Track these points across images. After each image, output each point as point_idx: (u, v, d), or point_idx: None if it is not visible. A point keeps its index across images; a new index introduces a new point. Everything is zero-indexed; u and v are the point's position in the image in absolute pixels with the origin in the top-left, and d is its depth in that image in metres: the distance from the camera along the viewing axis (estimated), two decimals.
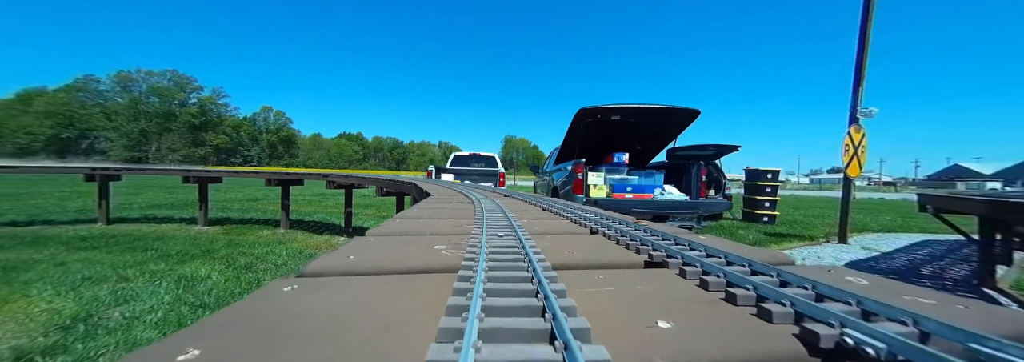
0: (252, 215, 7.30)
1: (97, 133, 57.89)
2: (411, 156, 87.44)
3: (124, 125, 57.95)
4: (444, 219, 1.33)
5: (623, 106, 4.26)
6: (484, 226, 0.95)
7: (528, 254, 0.61)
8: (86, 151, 57.79)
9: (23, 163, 11.18)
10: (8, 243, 4.27)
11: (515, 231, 0.89)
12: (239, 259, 3.95)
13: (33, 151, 54.22)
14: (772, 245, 4.11)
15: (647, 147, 5.56)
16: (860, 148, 3.77)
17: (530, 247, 0.67)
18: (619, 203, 3.95)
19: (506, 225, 1.00)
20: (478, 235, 0.86)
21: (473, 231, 0.96)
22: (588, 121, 4.54)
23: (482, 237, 0.79)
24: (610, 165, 4.94)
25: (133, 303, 2.63)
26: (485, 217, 1.15)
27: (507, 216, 1.22)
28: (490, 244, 0.73)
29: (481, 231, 0.88)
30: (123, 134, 57.94)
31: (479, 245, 0.71)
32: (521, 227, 0.95)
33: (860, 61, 3.71)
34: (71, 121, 56.50)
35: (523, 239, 0.77)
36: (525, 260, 0.60)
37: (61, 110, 56.09)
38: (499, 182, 8.09)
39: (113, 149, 58.00)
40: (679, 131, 4.97)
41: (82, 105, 57.60)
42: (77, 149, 57.25)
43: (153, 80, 61.69)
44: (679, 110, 4.46)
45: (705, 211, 4.12)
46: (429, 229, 1.08)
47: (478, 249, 0.67)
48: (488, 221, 1.06)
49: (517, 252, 0.67)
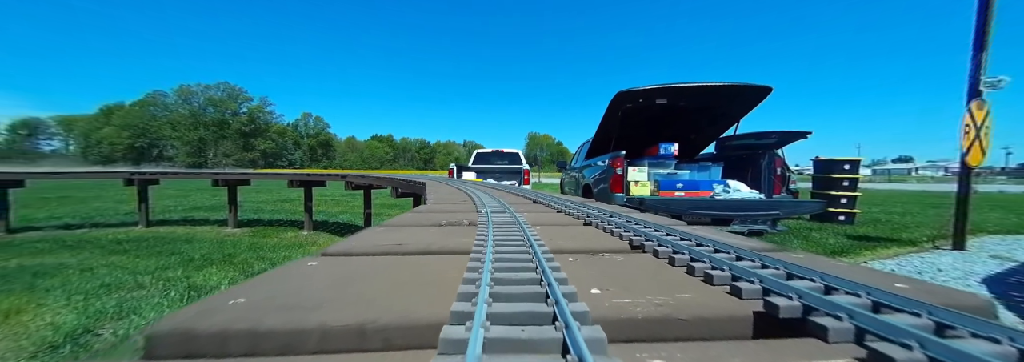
0: (282, 216, 7.28)
1: (165, 141, 63.37)
2: (437, 155, 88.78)
3: (186, 134, 62.96)
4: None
5: (672, 87, 3.41)
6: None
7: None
8: (156, 158, 63.48)
9: (68, 169, 12.01)
10: (52, 247, 4.33)
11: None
12: (256, 264, 3.74)
13: (114, 159, 60.32)
14: (865, 252, 3.29)
15: (700, 136, 4.58)
16: (983, 129, 2.86)
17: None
18: (669, 203, 3.18)
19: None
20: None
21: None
22: (627, 107, 3.69)
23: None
24: (654, 158, 4.09)
25: (132, 318, 2.41)
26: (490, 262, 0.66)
27: (539, 264, 0.72)
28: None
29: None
30: (186, 142, 62.98)
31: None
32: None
33: (983, 18, 2.78)
34: (143, 132, 62.21)
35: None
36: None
37: (135, 122, 61.90)
38: (524, 180, 7.51)
39: (178, 155, 63.28)
40: (742, 115, 4.00)
41: (152, 117, 63.21)
42: (149, 156, 63.02)
43: (209, 92, 66.49)
44: (745, 88, 3.52)
45: (789, 213, 3.28)
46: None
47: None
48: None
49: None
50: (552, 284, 0.41)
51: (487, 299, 0.37)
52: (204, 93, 66.48)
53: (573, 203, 1.59)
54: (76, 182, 16.28)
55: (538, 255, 0.57)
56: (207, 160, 63.79)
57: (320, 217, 6.94)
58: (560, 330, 0.32)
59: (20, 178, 5.16)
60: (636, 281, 0.56)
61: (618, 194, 3.48)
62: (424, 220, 1.21)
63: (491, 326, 0.32)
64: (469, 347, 0.27)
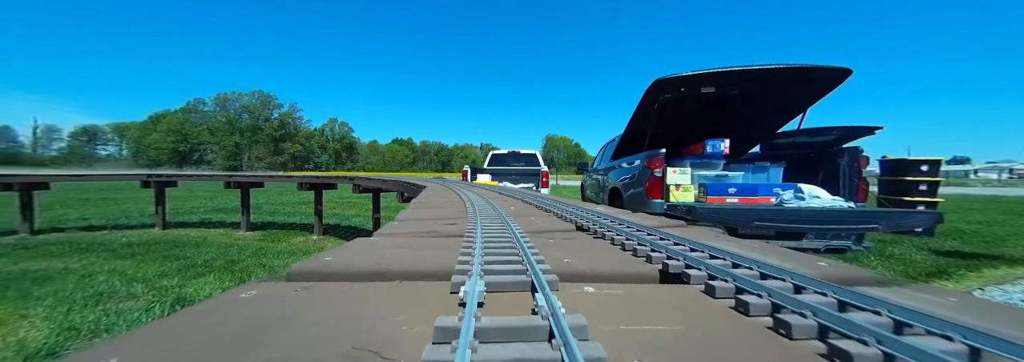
0: (296, 219, 7.13)
1: (204, 146, 66.82)
2: (455, 158, 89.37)
3: (223, 139, 66.17)
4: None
5: (723, 71, 2.70)
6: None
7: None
8: (197, 162, 67.04)
9: (88, 172, 12.46)
10: (64, 250, 4.24)
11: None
12: (256, 272, 3.48)
13: (160, 162, 64.22)
14: (969, 274, 2.62)
15: (753, 131, 3.76)
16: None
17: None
18: (725, 213, 2.49)
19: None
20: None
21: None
22: (666, 97, 3.04)
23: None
24: (698, 157, 3.40)
25: (106, 335, 2.14)
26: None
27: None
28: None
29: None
30: (223, 147, 66.18)
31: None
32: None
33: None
34: (185, 137, 65.89)
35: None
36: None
37: (178, 128, 65.70)
38: (542, 182, 6.96)
39: (216, 159, 66.54)
40: (810, 103, 3.27)
41: (193, 124, 66.85)
42: (190, 160, 66.63)
43: (244, 100, 69.72)
44: (818, 70, 2.80)
45: (893, 227, 2.43)
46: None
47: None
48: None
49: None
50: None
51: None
52: (239, 100, 69.78)
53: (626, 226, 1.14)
54: (114, 184, 17.03)
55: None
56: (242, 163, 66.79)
57: (333, 220, 6.74)
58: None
59: (45, 181, 5.19)
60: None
61: (656, 200, 2.87)
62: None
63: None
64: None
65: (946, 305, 0.47)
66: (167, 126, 65.72)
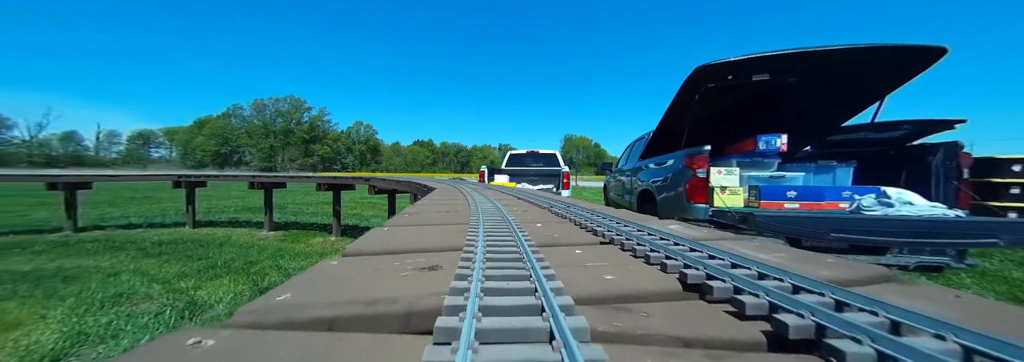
0: (318, 219, 7.17)
1: (242, 149, 70.89)
2: (473, 159, 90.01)
3: (259, 142, 69.88)
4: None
5: (780, 54, 2.23)
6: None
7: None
8: (236, 163, 71.25)
9: (125, 172, 13.14)
10: (99, 248, 4.35)
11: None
12: (271, 275, 3.39)
13: (205, 163, 68.79)
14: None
15: (814, 125, 3.18)
16: None
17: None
18: (791, 222, 2.04)
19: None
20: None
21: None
22: (709, 87, 2.57)
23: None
24: (746, 155, 2.94)
25: (112, 342, 2.05)
26: None
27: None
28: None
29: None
30: (259, 149, 69.89)
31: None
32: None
33: None
34: (226, 140, 70.17)
35: None
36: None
37: (219, 132, 70.07)
38: (563, 184, 6.59)
39: (253, 161, 70.41)
40: (889, 91, 2.70)
41: (232, 128, 71.06)
42: (231, 161, 70.92)
43: (277, 105, 73.36)
44: (904, 50, 2.27)
45: (1020, 241, 1.84)
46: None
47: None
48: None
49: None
50: None
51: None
52: (273, 105, 73.47)
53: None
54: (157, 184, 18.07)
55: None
56: (276, 165, 70.26)
57: (352, 221, 6.71)
58: None
59: (88, 181, 5.42)
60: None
61: (698, 205, 2.43)
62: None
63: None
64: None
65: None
66: (210, 130, 70.24)
